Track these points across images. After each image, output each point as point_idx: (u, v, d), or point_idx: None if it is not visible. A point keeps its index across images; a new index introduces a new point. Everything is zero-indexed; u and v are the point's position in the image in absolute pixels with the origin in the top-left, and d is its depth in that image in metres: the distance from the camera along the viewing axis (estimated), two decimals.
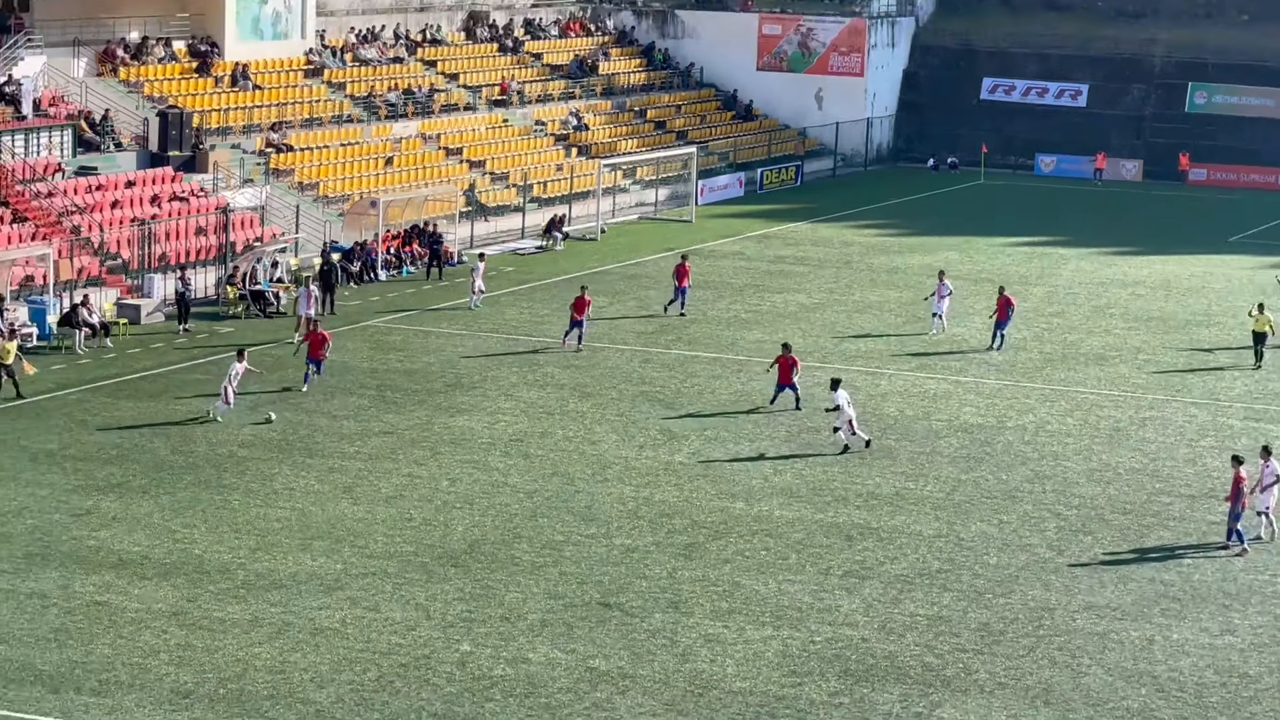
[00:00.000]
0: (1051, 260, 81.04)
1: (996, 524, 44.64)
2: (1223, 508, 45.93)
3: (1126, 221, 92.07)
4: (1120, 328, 67.11)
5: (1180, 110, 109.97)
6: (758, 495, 46.39)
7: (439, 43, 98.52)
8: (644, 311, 67.86)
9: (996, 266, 77.97)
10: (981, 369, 60.26)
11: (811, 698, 34.18)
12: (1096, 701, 34.39)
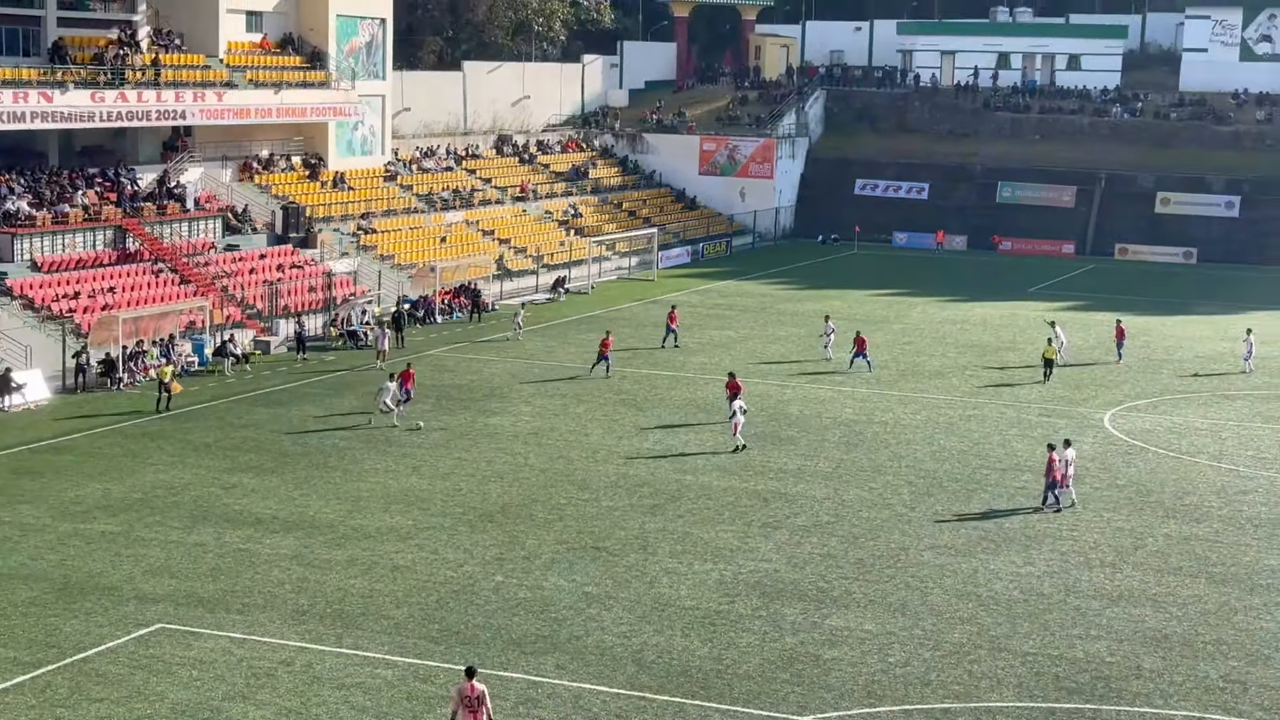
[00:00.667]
0: (904, 305, 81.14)
1: (868, 490, 44.66)
2: (1025, 478, 46.09)
3: (956, 278, 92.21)
4: (952, 352, 67.21)
5: (993, 201, 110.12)
6: (701, 471, 46.37)
7: (477, 157, 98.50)
8: (621, 343, 67.79)
9: (865, 310, 78.03)
10: (855, 381, 60.28)
11: (740, 611, 34.20)
12: (938, 613, 34.44)
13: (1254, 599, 35.74)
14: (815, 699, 29.53)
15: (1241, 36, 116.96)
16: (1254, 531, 41.17)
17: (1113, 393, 59.21)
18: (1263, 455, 49.73)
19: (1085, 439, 50.76)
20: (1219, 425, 53.97)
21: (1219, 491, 45.02)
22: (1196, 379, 62.32)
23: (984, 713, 29.06)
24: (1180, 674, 31.16)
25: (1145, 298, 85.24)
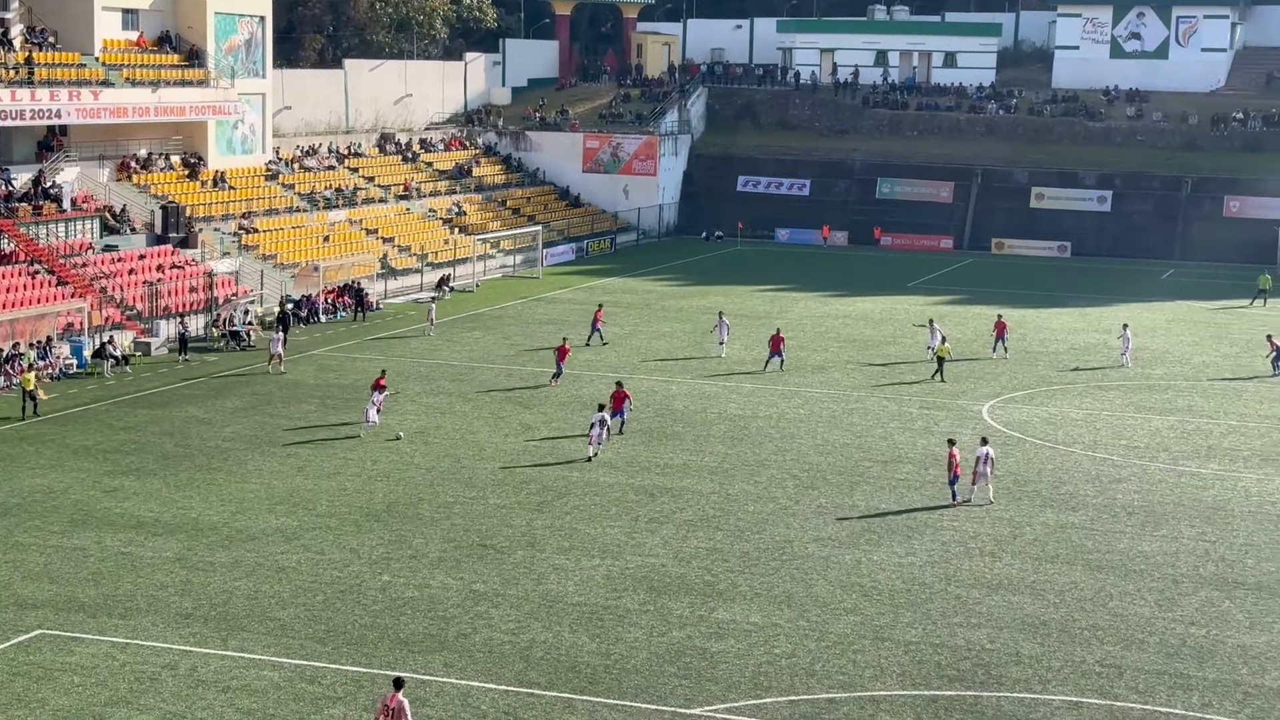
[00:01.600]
0: (787, 301, 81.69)
1: (753, 484, 44.93)
2: (907, 469, 46.61)
3: (838, 274, 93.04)
4: (835, 346, 67.81)
5: (873, 197, 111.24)
6: (588, 468, 46.39)
7: (360, 155, 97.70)
8: (506, 340, 67.68)
9: (749, 306, 78.43)
10: (741, 376, 60.60)
11: (628, 606, 34.28)
12: (823, 604, 34.73)
13: (1128, 585, 36.44)
14: (703, 692, 29.67)
15: (1111, 34, 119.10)
16: (1128, 519, 41.96)
17: (990, 385, 60.04)
18: (1135, 444, 50.69)
19: (964, 431, 51.41)
20: (1093, 415, 54.94)
21: (1094, 480, 45.83)
22: (1072, 371, 63.31)
23: (868, 702, 29.37)
24: (1058, 659, 31.69)
25: (1021, 291, 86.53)
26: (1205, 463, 48.45)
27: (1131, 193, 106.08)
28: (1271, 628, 33.73)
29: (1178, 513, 42.67)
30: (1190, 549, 39.34)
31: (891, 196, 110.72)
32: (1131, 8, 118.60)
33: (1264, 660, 31.84)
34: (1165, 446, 50.41)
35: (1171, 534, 40.61)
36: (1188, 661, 31.72)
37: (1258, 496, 44.53)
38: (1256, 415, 55.45)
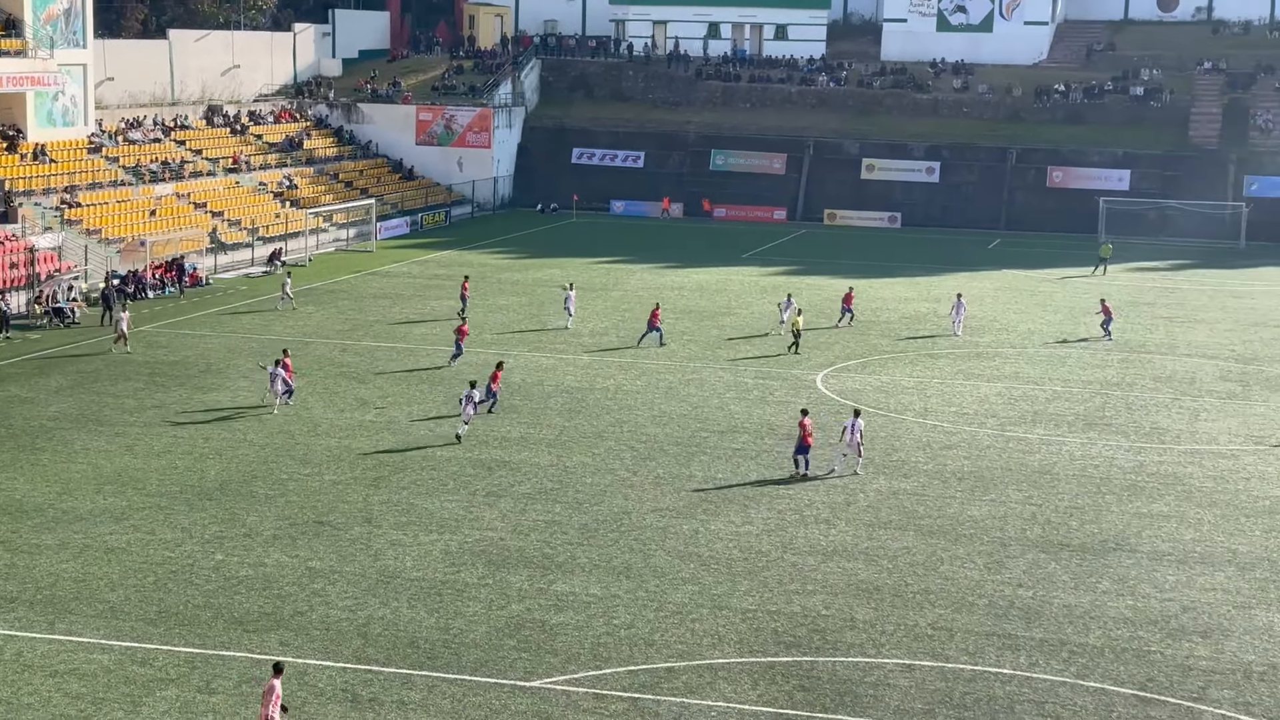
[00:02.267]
0: (623, 273, 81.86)
1: (590, 455, 45.01)
2: (743, 439, 47.02)
3: (673, 245, 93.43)
4: (670, 318, 68.02)
5: (706, 168, 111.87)
6: (425, 442, 46.10)
7: (187, 128, 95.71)
8: (340, 315, 66.95)
9: (585, 278, 78.43)
10: (577, 349, 60.61)
11: (466, 580, 34.18)
12: (661, 574, 34.94)
13: (958, 549, 37.18)
14: (542, 664, 29.69)
15: (938, 8, 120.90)
16: (958, 484, 42.80)
17: (824, 354, 60.77)
18: (965, 411, 51.70)
19: (799, 400, 52.02)
20: (924, 383, 55.92)
21: (925, 447, 46.66)
22: (904, 340, 64.32)
23: (706, 670, 29.62)
24: (891, 623, 32.25)
25: (853, 261, 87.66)
26: (1031, 428, 49.58)
27: (959, 164, 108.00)
28: (1095, 588, 34.67)
29: (1005, 477, 43.63)
30: (1018, 513, 40.26)
31: (725, 168, 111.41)
32: None
33: (1088, 619, 32.72)
34: (993, 412, 51.49)
35: (999, 498, 41.52)
36: (1016, 622, 32.48)
37: (1081, 460, 45.70)
38: (1080, 381, 56.87)
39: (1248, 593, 34.63)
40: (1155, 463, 45.58)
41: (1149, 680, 29.68)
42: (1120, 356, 61.68)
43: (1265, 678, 29.90)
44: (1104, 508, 40.87)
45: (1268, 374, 58.96)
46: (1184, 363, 60.77)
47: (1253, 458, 46.41)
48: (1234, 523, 39.82)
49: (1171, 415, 51.77)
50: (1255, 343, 65.35)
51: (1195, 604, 33.82)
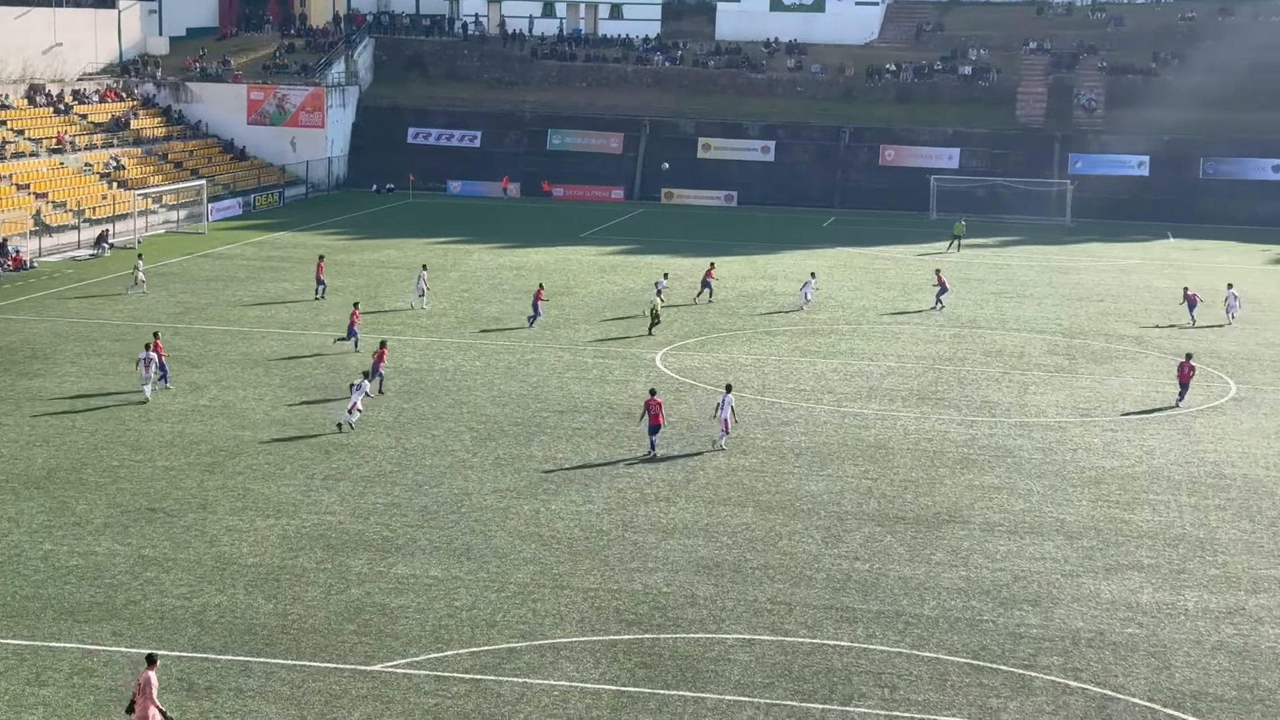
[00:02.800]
0: (461, 253, 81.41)
1: (430, 437, 44.75)
2: (583, 419, 47.08)
3: (511, 226, 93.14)
4: (510, 298, 67.89)
5: (544, 148, 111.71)
6: (261, 426, 45.48)
7: (7, 107, 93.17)
8: (172, 298, 65.71)
9: (424, 259, 77.84)
10: (415, 330, 60.19)
11: (304, 565, 33.83)
12: (502, 555, 34.90)
13: (796, 524, 37.64)
14: (383, 648, 29.49)
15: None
16: (795, 460, 43.31)
17: (663, 333, 61.02)
18: (801, 388, 52.30)
19: (639, 379, 52.23)
20: (761, 360, 56.46)
21: (763, 424, 47.12)
22: (742, 318, 64.84)
23: (548, 649, 29.66)
24: (731, 599, 32.55)
25: (691, 240, 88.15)
26: (867, 403, 50.31)
27: (793, 143, 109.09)
28: (930, 559, 35.32)
29: (842, 452, 44.24)
30: (854, 487, 40.86)
31: (562, 148, 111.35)
32: None
33: (923, 591, 33.33)
34: (830, 389, 52.15)
35: (836, 473, 42.10)
36: (853, 595, 32.97)
37: (915, 434, 46.50)
38: (913, 356, 57.84)
39: (1075, 561, 35.53)
40: (986, 436, 46.55)
41: (982, 649, 30.34)
42: (952, 332, 62.85)
43: (1093, 644, 30.72)
44: (938, 481, 41.64)
45: (1093, 348, 60.49)
46: (1013, 337, 62.11)
47: (1079, 429, 47.61)
48: (1062, 493, 40.83)
49: (1002, 389, 52.88)
50: (1081, 317, 67.00)
51: (1025, 573, 34.62)
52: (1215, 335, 63.00)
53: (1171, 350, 59.80)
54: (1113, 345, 60.94)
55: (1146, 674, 29.35)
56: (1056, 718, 27.40)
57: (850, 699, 27.88)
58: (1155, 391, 52.95)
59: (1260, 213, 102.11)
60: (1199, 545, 36.85)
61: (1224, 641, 31.02)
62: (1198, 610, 32.67)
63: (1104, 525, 38.19)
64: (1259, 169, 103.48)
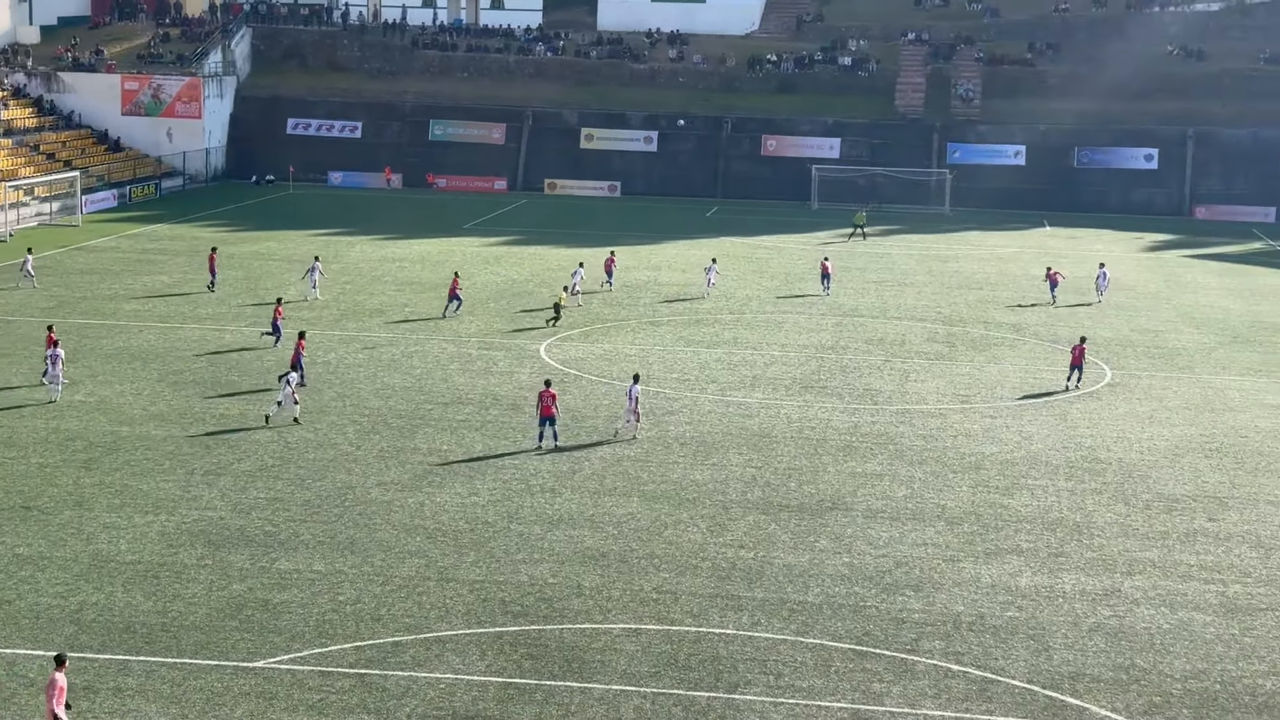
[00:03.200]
0: (342, 245, 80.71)
1: (313, 431, 44.34)
2: (468, 411, 46.92)
3: (393, 217, 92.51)
4: (392, 290, 67.46)
5: (426, 139, 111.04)
6: (139, 421, 44.81)
7: None
8: (45, 291, 64.48)
9: (305, 250, 77.01)
10: (297, 323, 59.54)
11: (185, 562, 33.41)
12: (387, 549, 34.69)
13: (682, 513, 37.78)
14: (266, 644, 29.19)
15: None
16: (680, 450, 43.45)
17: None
18: (686, 377, 52.48)
19: (523, 370, 52.14)
20: (646, 351, 56.56)
21: (648, 414, 47.15)
22: (625, 308, 64.90)
23: (434, 643, 29.52)
24: (617, 589, 32.60)
25: (574, 230, 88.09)
26: (750, 392, 50.59)
27: (676, 133, 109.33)
28: (814, 546, 35.61)
29: (726, 441, 44.46)
30: (739, 475, 41.08)
31: (445, 138, 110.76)
32: None
33: (807, 578, 33.60)
34: (714, 378, 52.38)
35: (721, 462, 42.30)
36: (738, 583, 33.16)
37: (798, 422, 46.84)
38: (796, 345, 58.25)
39: (956, 546, 36.00)
40: (869, 423, 47.00)
41: (865, 634, 30.64)
42: (834, 321, 63.37)
43: (973, 627, 31.15)
44: (821, 468, 41.99)
45: (972, 335, 61.30)
46: (894, 326, 62.77)
47: (959, 416, 48.23)
48: (943, 479, 41.34)
49: (883, 377, 53.43)
50: (960, 305, 67.86)
51: (908, 559, 35.02)
52: (1091, 322, 64.07)
53: (1049, 337, 60.77)
54: (992, 333, 61.81)
55: (1026, 656, 29.82)
56: (938, 701, 27.76)
57: (736, 687, 28.04)
58: (1033, 378, 53.78)
59: (1133, 201, 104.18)
60: (1076, 529, 37.49)
61: (1100, 623, 31.59)
62: (1075, 593, 33.24)
63: (984, 510, 38.73)
64: (1132, 158, 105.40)
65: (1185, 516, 38.65)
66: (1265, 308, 69.37)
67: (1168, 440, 45.89)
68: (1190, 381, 53.90)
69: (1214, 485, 41.42)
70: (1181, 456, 44.18)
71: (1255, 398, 51.79)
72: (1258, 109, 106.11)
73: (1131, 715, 27.52)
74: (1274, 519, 38.59)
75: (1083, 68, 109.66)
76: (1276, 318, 67.01)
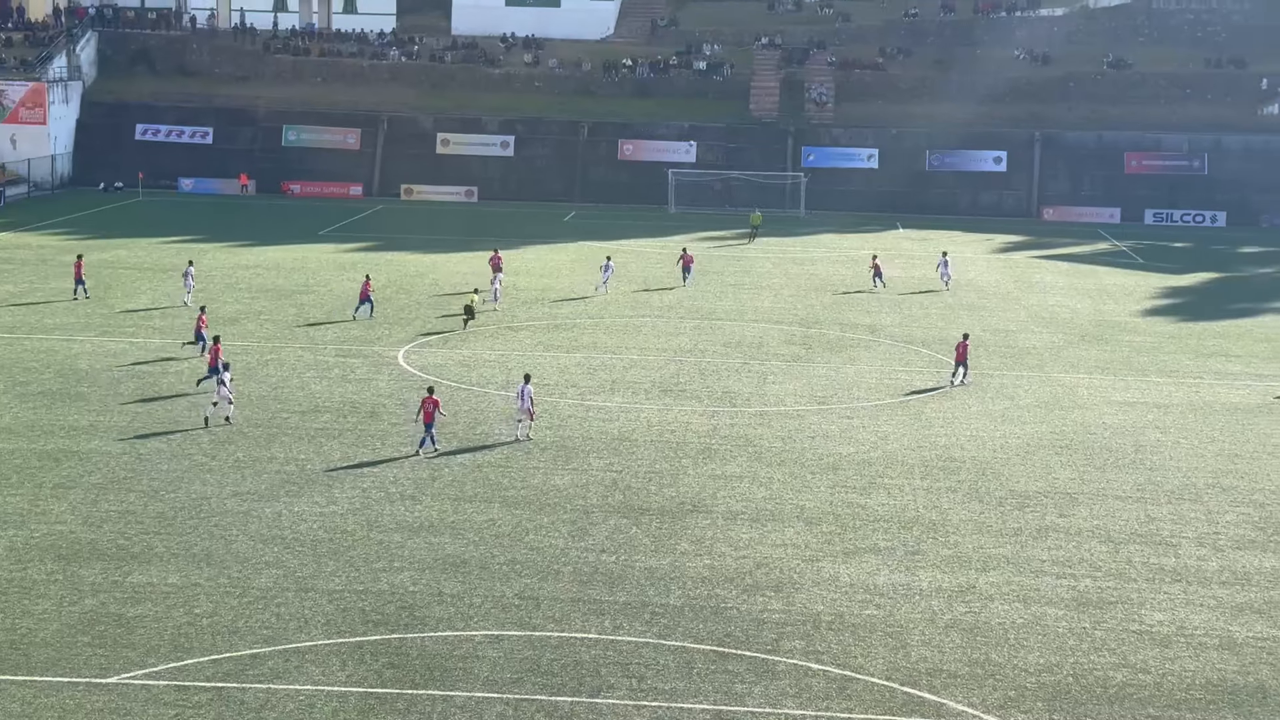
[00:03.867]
0: (195, 252, 79.26)
1: (166, 441, 43.64)
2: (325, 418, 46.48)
3: (247, 224, 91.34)
4: (246, 297, 66.59)
5: (279, 144, 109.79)
6: None
7: None
8: None
9: (155, 259, 75.70)
10: (149, 332, 58.56)
11: (34, 577, 32.73)
12: (243, 560, 34.26)
13: (543, 518, 37.75)
14: (119, 659, 28.66)
15: None
16: (540, 455, 43.42)
17: (405, 330, 60.57)
18: (546, 382, 52.42)
19: (381, 377, 51.77)
20: (505, 356, 56.43)
21: (508, 419, 47.02)
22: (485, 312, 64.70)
23: (293, 654, 29.19)
24: (479, 596, 32.49)
25: (432, 236, 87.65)
26: (610, 396, 50.70)
27: (533, 138, 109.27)
28: (675, 549, 35.78)
29: (587, 446, 44.50)
30: (599, 480, 41.15)
31: (299, 144, 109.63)
32: None
33: (668, 581, 33.75)
34: (574, 382, 52.41)
35: (582, 466, 42.33)
36: (600, 588, 33.22)
37: (658, 426, 47.03)
38: (655, 349, 58.48)
39: (815, 546, 36.39)
40: (728, 425, 47.33)
41: (726, 635, 30.86)
42: (693, 324, 63.73)
43: (833, 626, 31.51)
44: (681, 471, 42.20)
45: (828, 337, 62.00)
46: (752, 328, 63.28)
47: (817, 417, 48.76)
48: (801, 480, 41.76)
49: (742, 379, 53.84)
50: (816, 307, 68.60)
51: (768, 560, 35.33)
52: (944, 322, 65.11)
53: (903, 338, 61.67)
54: (848, 334, 62.56)
55: (884, 654, 30.22)
56: (799, 700, 28.04)
57: (599, 690, 28.09)
58: (888, 379, 54.53)
59: (982, 203, 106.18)
60: (932, 527, 38.08)
61: (957, 619, 32.12)
62: (932, 590, 33.76)
63: (842, 510, 39.20)
64: (982, 161, 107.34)
65: (1037, 513, 39.44)
66: (1111, 307, 71.04)
67: (1020, 438, 46.80)
68: (1041, 380, 55.01)
69: (1064, 481, 42.31)
70: (1033, 454, 45.07)
71: (1103, 395, 53.01)
72: (1102, 113, 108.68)
73: (987, 709, 28.03)
74: (1122, 514, 39.52)
75: (933, 72, 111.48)
76: (1121, 316, 68.67)
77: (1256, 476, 43.25)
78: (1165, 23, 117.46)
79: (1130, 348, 61.44)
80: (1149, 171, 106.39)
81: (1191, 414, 50.55)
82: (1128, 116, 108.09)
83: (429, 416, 42.95)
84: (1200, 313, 70.73)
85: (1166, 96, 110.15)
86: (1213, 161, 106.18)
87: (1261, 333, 65.57)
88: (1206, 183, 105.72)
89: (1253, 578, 35.13)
